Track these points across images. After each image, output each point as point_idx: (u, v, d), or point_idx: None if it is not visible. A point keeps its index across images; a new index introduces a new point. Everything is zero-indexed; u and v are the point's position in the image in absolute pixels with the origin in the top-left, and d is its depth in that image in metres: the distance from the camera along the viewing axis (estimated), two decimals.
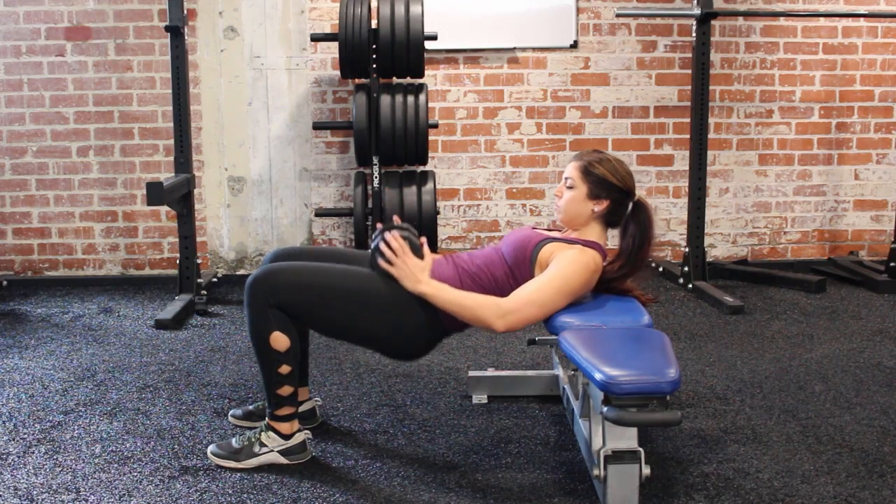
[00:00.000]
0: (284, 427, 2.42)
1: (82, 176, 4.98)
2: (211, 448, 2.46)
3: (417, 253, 2.40)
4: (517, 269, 2.43)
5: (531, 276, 2.41)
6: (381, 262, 2.38)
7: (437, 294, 2.34)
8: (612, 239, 2.56)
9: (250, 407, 2.78)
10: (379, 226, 2.49)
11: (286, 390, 2.38)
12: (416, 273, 2.36)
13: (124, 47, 4.87)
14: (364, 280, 2.39)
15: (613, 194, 2.47)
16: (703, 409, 2.85)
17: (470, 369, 3.08)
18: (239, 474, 2.37)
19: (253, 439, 2.42)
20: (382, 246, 2.38)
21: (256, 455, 2.41)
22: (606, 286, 2.52)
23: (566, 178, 2.50)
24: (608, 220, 2.51)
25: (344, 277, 2.38)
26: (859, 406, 2.86)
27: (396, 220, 2.51)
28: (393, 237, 2.38)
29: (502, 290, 2.42)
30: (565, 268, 2.34)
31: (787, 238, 5.28)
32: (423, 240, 2.49)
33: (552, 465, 2.43)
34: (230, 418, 2.77)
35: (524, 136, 5.09)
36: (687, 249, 4.61)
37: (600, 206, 2.47)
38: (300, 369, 2.59)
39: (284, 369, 2.36)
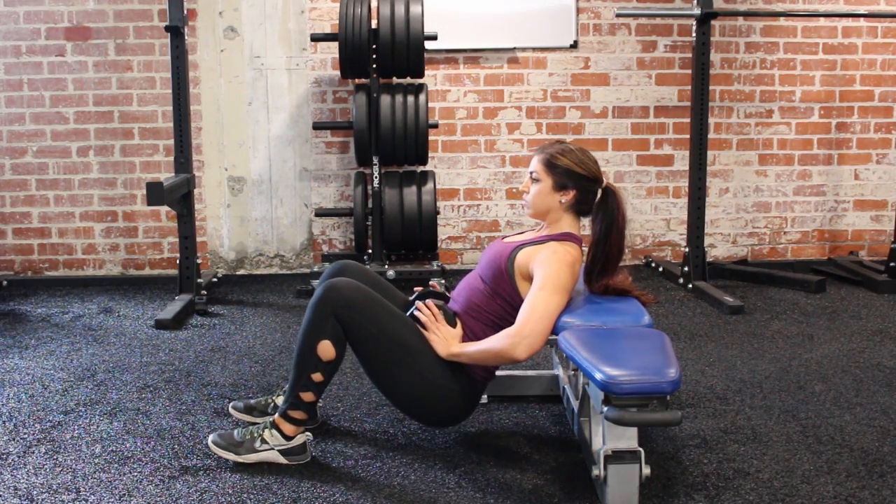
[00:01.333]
0: (289, 429, 2.42)
1: (82, 176, 4.98)
2: (212, 437, 2.46)
3: (451, 321, 2.47)
4: (498, 287, 2.45)
5: (514, 288, 2.43)
6: (416, 326, 2.46)
7: (465, 352, 2.39)
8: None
9: (251, 400, 2.78)
10: (417, 289, 2.58)
11: (309, 397, 2.40)
12: (449, 339, 2.42)
13: (124, 47, 4.88)
14: (422, 339, 2.43)
15: (580, 183, 2.47)
16: (703, 409, 2.85)
17: None
18: (239, 474, 2.37)
19: (255, 434, 2.42)
20: (417, 313, 2.46)
21: (256, 451, 2.41)
22: (602, 285, 2.51)
23: (531, 172, 2.51)
24: (578, 210, 2.51)
25: (410, 330, 2.43)
26: (859, 406, 2.86)
27: (433, 285, 2.63)
28: (427, 305, 2.46)
29: (493, 312, 2.46)
30: (548, 270, 2.35)
31: (787, 238, 5.28)
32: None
33: (552, 465, 2.43)
34: (230, 410, 2.76)
35: (524, 136, 5.09)
36: (687, 249, 4.61)
37: (567, 197, 2.48)
38: None
39: (318, 377, 2.37)
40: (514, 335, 2.30)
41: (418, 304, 2.48)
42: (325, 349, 2.35)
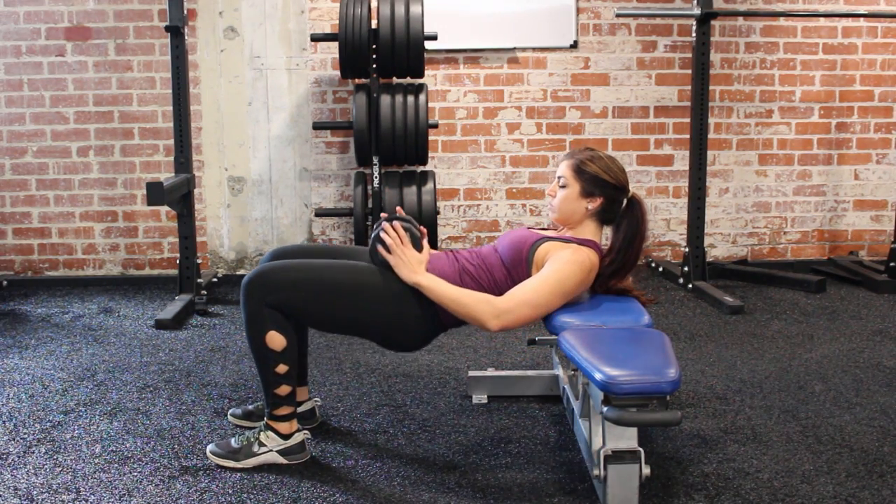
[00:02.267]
0: (283, 427, 2.42)
1: (82, 176, 4.98)
2: (210, 447, 2.46)
3: (417, 245, 2.41)
4: (514, 269, 2.43)
5: (528, 276, 2.41)
6: (380, 248, 2.40)
7: (432, 287, 2.34)
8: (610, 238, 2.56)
9: (250, 407, 2.78)
10: (382, 216, 2.49)
11: (284, 390, 2.38)
12: (413, 264, 2.36)
13: (124, 47, 4.88)
14: (359, 272, 2.39)
15: (607, 191, 2.47)
16: (703, 409, 2.85)
17: (470, 369, 3.08)
18: (239, 474, 2.37)
19: (252, 439, 2.42)
20: (383, 234, 2.40)
21: (255, 455, 2.41)
22: (606, 286, 2.52)
23: (559, 177, 2.50)
24: (603, 218, 2.51)
25: (338, 271, 2.38)
26: (859, 406, 2.86)
27: (399, 211, 2.53)
28: (393, 227, 2.40)
29: (500, 290, 2.42)
30: (560, 268, 2.34)
31: (787, 238, 5.28)
32: (425, 231, 2.50)
33: (552, 465, 2.43)
34: (230, 417, 2.77)
35: (524, 136, 5.09)
36: (687, 249, 4.61)
37: (594, 204, 2.47)
38: (299, 369, 2.59)
39: (281, 369, 2.36)
40: (497, 304, 2.30)
41: (384, 225, 2.41)
42: (274, 340, 2.33)
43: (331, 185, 5.07)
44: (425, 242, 2.46)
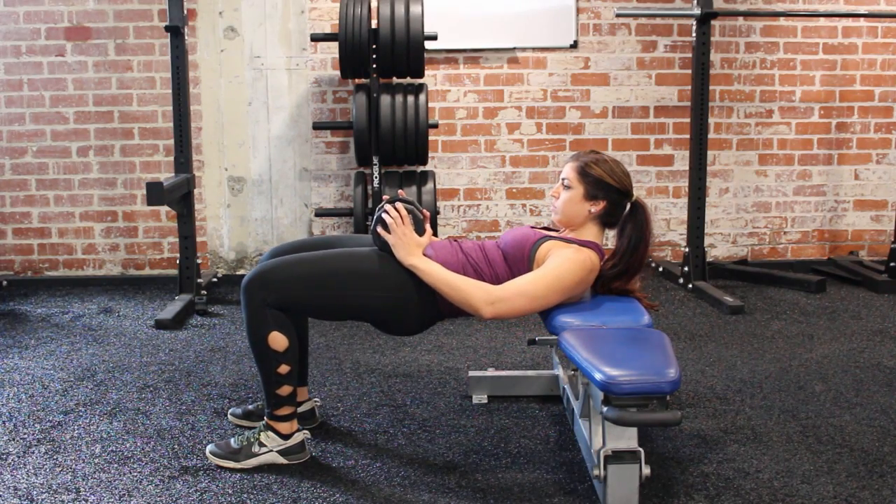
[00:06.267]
0: (283, 427, 2.42)
1: (82, 176, 4.98)
2: (210, 448, 2.46)
3: (419, 228, 2.42)
4: (515, 266, 2.43)
5: (529, 272, 2.41)
6: (380, 229, 2.40)
7: (428, 269, 2.34)
8: (612, 240, 2.57)
9: (250, 406, 2.78)
10: (385, 197, 2.49)
11: (285, 390, 2.38)
12: (411, 246, 2.37)
13: (124, 47, 4.88)
14: (356, 258, 2.39)
15: (610, 195, 2.47)
16: (703, 409, 2.85)
17: (470, 369, 3.08)
18: (239, 474, 2.37)
19: (252, 439, 2.42)
20: (384, 215, 2.40)
21: (255, 455, 2.41)
22: (609, 288, 2.51)
23: (563, 179, 2.50)
24: (605, 221, 2.51)
25: (335, 259, 2.39)
26: (859, 406, 2.86)
27: (401, 193, 2.53)
28: (395, 207, 2.40)
29: (501, 283, 2.42)
30: (560, 265, 2.35)
31: (787, 238, 5.28)
32: (427, 214, 2.50)
33: (552, 465, 2.43)
34: (230, 417, 2.77)
35: (524, 136, 5.09)
36: (687, 249, 4.61)
37: (597, 207, 2.47)
38: (300, 369, 2.60)
39: (283, 369, 2.36)
40: (492, 292, 2.30)
41: (387, 206, 2.41)
42: (276, 340, 2.33)
43: (331, 185, 5.07)
44: (428, 227, 2.46)
